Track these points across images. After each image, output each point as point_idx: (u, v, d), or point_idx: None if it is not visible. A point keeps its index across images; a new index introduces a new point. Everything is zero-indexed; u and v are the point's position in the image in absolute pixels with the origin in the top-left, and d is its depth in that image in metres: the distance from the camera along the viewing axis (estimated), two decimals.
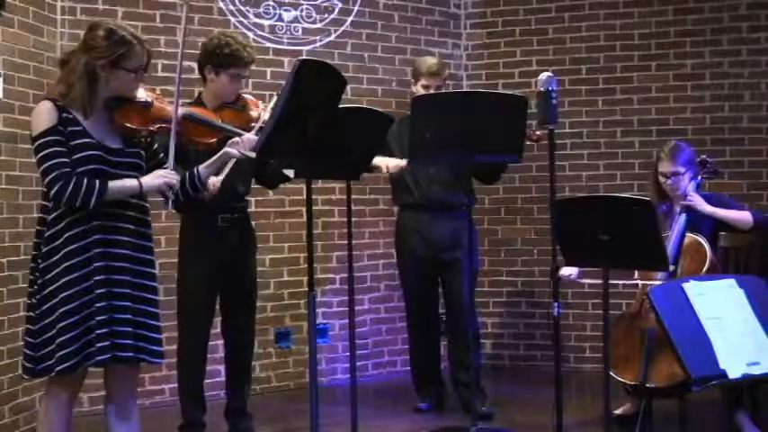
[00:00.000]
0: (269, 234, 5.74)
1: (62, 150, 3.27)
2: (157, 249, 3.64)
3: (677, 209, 4.62)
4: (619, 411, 4.75)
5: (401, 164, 4.84)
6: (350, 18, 6.13)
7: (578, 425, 4.73)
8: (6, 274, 4.70)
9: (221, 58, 4.29)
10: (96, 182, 3.27)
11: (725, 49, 6.13)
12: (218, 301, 4.52)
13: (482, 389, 5.11)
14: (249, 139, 3.70)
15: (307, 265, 3.60)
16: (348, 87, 3.76)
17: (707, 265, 4.41)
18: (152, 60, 3.48)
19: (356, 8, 6.15)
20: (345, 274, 4.49)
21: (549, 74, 4.04)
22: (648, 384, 4.30)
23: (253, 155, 3.58)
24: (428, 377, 5.33)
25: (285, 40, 5.93)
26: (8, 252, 4.71)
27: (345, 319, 5.16)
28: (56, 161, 3.26)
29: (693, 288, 3.10)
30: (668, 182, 4.67)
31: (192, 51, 4.46)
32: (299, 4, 5.97)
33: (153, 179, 3.40)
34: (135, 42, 3.34)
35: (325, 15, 6.05)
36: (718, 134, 6.12)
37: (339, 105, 3.56)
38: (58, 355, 3.25)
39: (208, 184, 3.76)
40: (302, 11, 5.98)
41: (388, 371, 6.22)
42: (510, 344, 6.51)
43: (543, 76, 4.03)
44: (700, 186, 4.69)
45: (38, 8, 5.01)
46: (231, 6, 5.74)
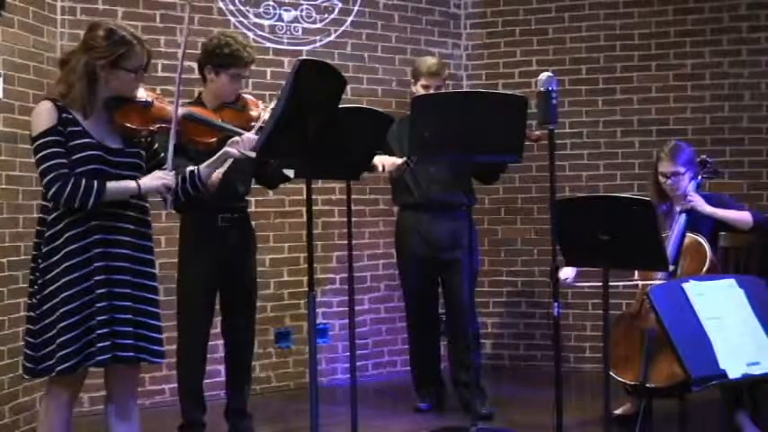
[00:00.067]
0: (269, 234, 5.74)
1: (61, 151, 3.27)
2: (157, 249, 3.64)
3: (677, 209, 4.62)
4: (619, 411, 4.74)
5: (397, 162, 4.84)
6: (350, 18, 6.13)
7: (578, 425, 4.73)
8: (6, 274, 4.70)
9: (221, 58, 4.29)
10: (94, 183, 3.27)
11: (725, 49, 6.13)
12: (218, 301, 4.52)
13: (482, 389, 5.11)
14: (249, 138, 3.70)
15: (307, 265, 3.60)
16: (348, 87, 3.76)
17: (707, 266, 4.41)
18: (152, 60, 3.48)
19: (356, 8, 6.15)
20: (345, 274, 4.49)
21: (549, 74, 4.03)
22: (648, 384, 4.30)
23: (253, 154, 3.58)
24: (428, 377, 5.33)
25: (285, 40, 5.93)
26: (8, 252, 4.71)
27: (345, 319, 5.15)
28: (54, 162, 3.26)
29: (693, 288, 3.10)
30: (668, 182, 4.67)
31: (192, 51, 4.44)
32: (299, 4, 5.97)
33: (151, 180, 3.40)
34: (135, 42, 3.34)
35: (325, 15, 6.05)
36: (718, 134, 6.12)
37: (339, 105, 3.56)
38: (58, 355, 3.25)
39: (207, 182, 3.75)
40: (302, 11, 5.98)
41: (388, 371, 6.22)
42: (510, 344, 6.50)
43: (543, 76, 4.02)
44: (700, 186, 4.69)
45: (38, 8, 5.01)
46: (231, 6, 5.74)
